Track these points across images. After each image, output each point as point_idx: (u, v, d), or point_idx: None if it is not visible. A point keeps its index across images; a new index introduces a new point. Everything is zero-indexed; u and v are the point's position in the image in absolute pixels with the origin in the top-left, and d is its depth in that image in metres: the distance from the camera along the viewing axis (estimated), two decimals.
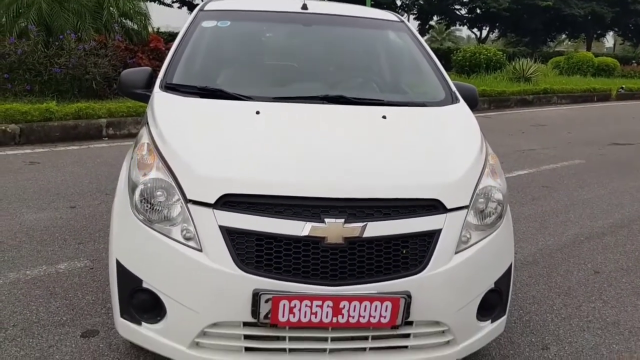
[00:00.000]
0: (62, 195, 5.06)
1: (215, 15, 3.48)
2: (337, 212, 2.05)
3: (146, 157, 2.31)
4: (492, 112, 13.05)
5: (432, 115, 2.89)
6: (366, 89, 3.21)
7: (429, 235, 2.13)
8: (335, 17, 3.67)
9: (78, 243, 3.95)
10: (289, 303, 1.97)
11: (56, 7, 9.81)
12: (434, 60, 3.37)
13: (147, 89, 3.08)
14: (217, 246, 2.02)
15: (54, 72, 9.02)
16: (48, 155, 6.70)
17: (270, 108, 2.66)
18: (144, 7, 11.96)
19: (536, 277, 3.76)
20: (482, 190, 2.31)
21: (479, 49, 19.34)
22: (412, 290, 2.05)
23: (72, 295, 3.18)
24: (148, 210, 2.16)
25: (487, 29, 41.20)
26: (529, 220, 4.99)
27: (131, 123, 8.27)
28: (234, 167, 2.16)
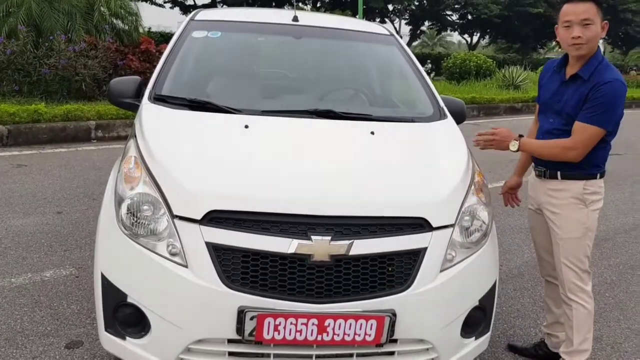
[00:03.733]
0: (49, 199, 5.03)
1: (206, 26, 3.48)
2: (324, 229, 2.06)
3: (133, 170, 2.31)
4: (482, 120, 13.13)
5: (420, 131, 2.91)
6: (355, 104, 3.22)
7: (415, 253, 2.14)
8: (326, 29, 3.68)
9: (64, 250, 3.93)
10: (274, 320, 1.98)
11: (46, 7, 9.76)
12: (422, 75, 3.39)
13: (136, 98, 3.07)
14: (202, 262, 2.02)
15: (43, 73, 8.99)
16: (36, 158, 6.66)
17: (259, 122, 2.66)
18: (135, 8, 11.92)
19: (521, 290, 3.80)
20: (467, 208, 2.33)
21: (469, 56, 19.44)
22: (397, 309, 2.06)
23: (57, 304, 3.17)
24: (134, 224, 2.15)
25: (477, 35, 41.45)
26: (515, 231, 5.03)
27: (120, 125, 8.25)
28: (221, 183, 2.16)
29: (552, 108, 2.64)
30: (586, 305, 2.63)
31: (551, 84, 2.69)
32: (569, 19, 2.49)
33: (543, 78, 2.80)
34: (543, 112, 2.75)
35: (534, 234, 2.95)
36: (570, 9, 2.49)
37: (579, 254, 2.62)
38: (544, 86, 2.76)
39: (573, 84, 2.56)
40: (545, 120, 2.70)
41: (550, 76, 2.73)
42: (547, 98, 2.70)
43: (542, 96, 2.77)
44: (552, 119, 2.64)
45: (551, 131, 2.63)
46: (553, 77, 2.70)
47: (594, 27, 2.45)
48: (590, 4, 2.44)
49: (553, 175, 2.64)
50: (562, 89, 2.61)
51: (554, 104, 2.63)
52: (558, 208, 2.64)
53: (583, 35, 2.45)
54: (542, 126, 2.71)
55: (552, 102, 2.65)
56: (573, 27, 2.47)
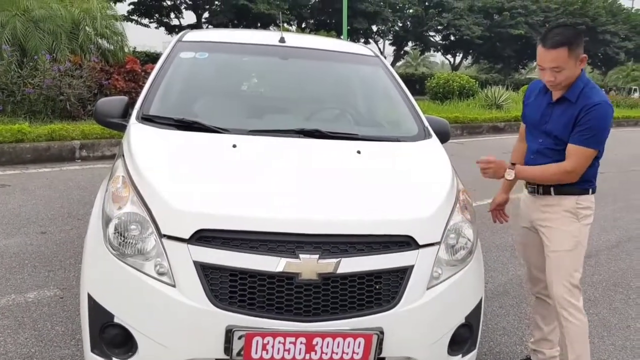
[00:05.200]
0: (33, 220, 4.98)
1: (194, 47, 3.51)
2: (312, 248, 2.07)
3: (121, 190, 2.31)
4: (465, 139, 13.27)
5: (406, 151, 2.95)
6: (341, 123, 3.25)
7: (402, 271, 2.16)
8: (312, 50, 3.73)
9: (48, 271, 3.89)
10: (262, 339, 1.98)
11: (31, 27, 9.74)
12: (407, 95, 3.44)
13: (123, 118, 3.08)
14: (190, 282, 2.02)
15: (27, 93, 8.93)
16: (19, 178, 6.60)
17: (247, 142, 2.68)
18: (121, 28, 11.92)
19: (507, 308, 3.82)
20: (453, 226, 2.36)
21: (453, 77, 19.69)
22: (384, 326, 2.07)
23: (41, 325, 3.13)
24: (121, 244, 2.15)
25: (460, 55, 42.06)
26: (500, 249, 5.07)
27: (105, 145, 8.21)
28: (209, 202, 2.17)
29: (540, 128, 2.69)
30: (576, 321, 2.65)
31: (538, 104, 2.74)
32: (540, 63, 2.55)
33: (529, 97, 2.84)
34: (530, 131, 2.80)
35: (525, 251, 2.98)
36: (541, 54, 2.54)
37: (569, 267, 2.66)
38: (530, 106, 2.80)
39: (560, 106, 2.61)
40: (533, 140, 2.75)
41: (536, 97, 2.77)
42: (534, 118, 2.74)
43: (528, 116, 2.81)
44: (542, 139, 2.69)
45: (541, 151, 2.69)
46: (540, 97, 2.75)
47: (566, 72, 2.49)
48: (560, 51, 2.46)
49: (547, 192, 2.70)
50: (550, 110, 2.66)
51: (542, 124, 2.68)
52: (551, 222, 2.70)
53: (555, 79, 2.52)
54: (531, 146, 2.77)
55: (540, 122, 2.70)
56: (546, 70, 2.53)
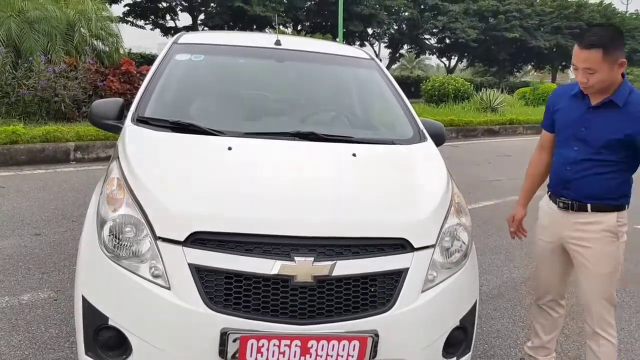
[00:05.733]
0: (27, 222, 4.97)
1: (189, 49, 3.51)
2: (307, 250, 2.08)
3: (116, 192, 2.31)
4: (460, 142, 13.30)
5: (401, 153, 2.96)
6: (337, 126, 3.26)
7: (397, 273, 2.17)
8: (308, 53, 3.74)
9: (42, 273, 3.87)
10: (257, 342, 1.98)
11: (26, 28, 9.73)
12: (402, 98, 3.45)
13: (118, 120, 3.07)
14: (185, 284, 2.02)
15: (21, 94, 8.92)
16: (13, 180, 6.58)
17: (242, 144, 2.68)
18: (116, 29, 11.93)
19: (501, 311, 3.83)
20: (448, 229, 2.37)
21: (448, 80, 19.74)
22: (379, 329, 2.08)
23: (34, 328, 3.12)
24: (116, 246, 2.15)
25: (455, 58, 42.17)
26: (495, 252, 5.09)
27: (100, 147, 8.19)
28: (204, 204, 2.17)
29: (576, 136, 2.50)
30: (613, 340, 2.59)
31: (573, 109, 2.54)
32: (573, 62, 2.39)
33: (557, 103, 2.64)
34: (562, 140, 2.60)
35: (543, 265, 2.82)
36: (575, 53, 2.37)
37: (610, 289, 2.55)
38: (561, 111, 2.60)
39: (603, 111, 2.43)
40: (567, 149, 2.56)
41: (568, 101, 2.57)
42: (567, 124, 2.55)
43: (559, 122, 2.61)
44: (577, 147, 2.50)
45: (578, 162, 2.50)
46: (573, 102, 2.55)
47: (599, 75, 2.31)
48: (593, 52, 2.29)
49: (582, 208, 2.53)
50: (589, 116, 2.47)
51: (578, 131, 2.49)
52: (589, 242, 2.53)
53: (587, 81, 2.36)
54: (565, 155, 2.56)
55: (576, 129, 2.50)
56: (579, 70, 2.37)
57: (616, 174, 2.46)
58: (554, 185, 2.66)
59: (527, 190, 2.91)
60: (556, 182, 2.64)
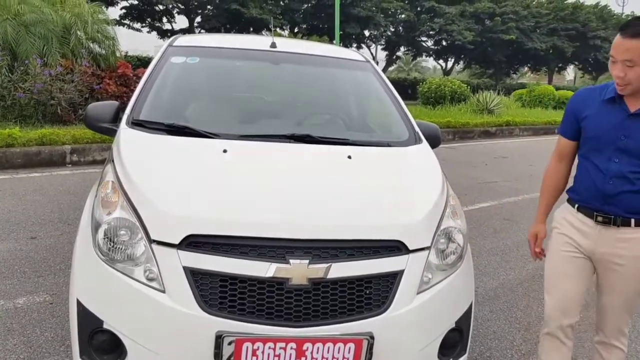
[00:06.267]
0: (23, 225, 4.95)
1: (185, 52, 3.51)
2: (302, 253, 2.08)
3: (110, 195, 2.30)
4: (457, 143, 13.31)
5: (396, 155, 2.96)
6: (332, 128, 3.26)
7: (392, 276, 2.17)
8: (304, 55, 3.74)
9: (38, 276, 3.86)
10: (252, 345, 1.98)
11: (22, 31, 9.70)
12: (398, 100, 3.46)
13: (114, 123, 3.07)
14: (180, 287, 2.02)
15: (17, 97, 8.90)
16: (9, 183, 6.56)
17: (238, 146, 2.68)
18: (112, 32, 11.90)
19: (497, 312, 3.84)
20: (443, 231, 2.37)
21: (444, 82, 19.77)
22: (374, 331, 2.08)
23: (30, 331, 3.11)
24: (111, 249, 2.14)
25: (452, 60, 42.25)
26: (491, 254, 5.09)
27: (96, 150, 8.17)
28: (199, 207, 2.17)
29: (615, 145, 2.27)
30: (624, 348, 2.50)
31: (606, 116, 2.31)
32: (612, 54, 2.18)
33: (584, 109, 2.40)
34: (596, 150, 2.35)
35: (564, 280, 2.50)
36: (617, 43, 2.15)
37: (636, 304, 2.43)
38: (591, 118, 2.36)
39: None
40: (605, 161, 2.31)
41: (600, 107, 2.34)
42: (603, 133, 2.31)
43: (591, 130, 2.36)
44: (617, 158, 2.28)
45: (623, 175, 2.27)
46: (607, 108, 2.31)
47: (639, 69, 2.11)
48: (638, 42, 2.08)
49: (626, 223, 2.31)
50: (629, 124, 2.24)
51: (617, 140, 2.26)
52: (627, 259, 2.34)
53: (625, 75, 2.14)
54: (606, 168, 2.31)
55: (613, 138, 2.27)
56: (617, 63, 2.16)
57: None
58: (588, 198, 2.39)
59: (546, 205, 2.64)
60: (592, 195, 2.37)
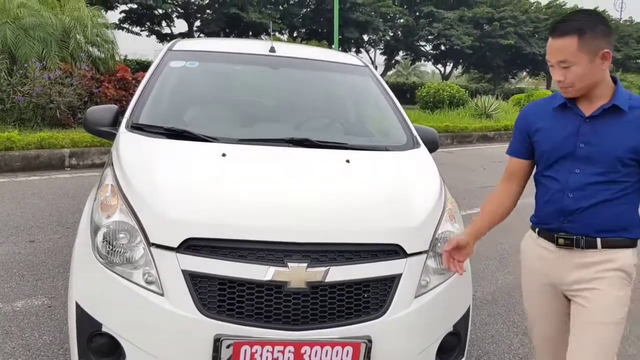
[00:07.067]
0: (21, 228, 4.95)
1: (184, 56, 3.52)
2: (300, 256, 2.09)
3: (110, 198, 2.31)
4: (455, 148, 13.33)
5: (394, 160, 2.97)
6: (331, 133, 3.27)
7: (390, 279, 2.18)
8: (303, 60, 3.76)
9: (36, 279, 3.86)
10: (251, 348, 1.99)
11: (21, 34, 9.71)
12: (396, 104, 3.47)
13: (113, 127, 3.08)
14: (179, 290, 2.03)
15: (16, 101, 8.90)
16: (8, 186, 6.56)
17: (236, 150, 2.69)
18: (111, 36, 11.92)
19: (495, 316, 3.84)
20: (441, 235, 2.39)
21: (443, 86, 19.79)
22: (372, 335, 2.09)
23: (28, 335, 3.11)
24: (110, 252, 2.15)
25: (451, 65, 42.31)
26: (489, 258, 5.10)
27: (95, 153, 8.18)
28: (198, 211, 2.18)
29: (574, 154, 2.01)
30: None
31: (561, 124, 2.06)
32: (548, 58, 2.01)
33: (536, 122, 2.14)
34: (554, 164, 2.07)
35: (541, 322, 2.25)
36: (548, 46, 1.99)
37: (614, 344, 1.99)
38: (543, 131, 2.10)
39: (604, 120, 1.97)
40: (565, 173, 2.03)
41: (553, 117, 2.09)
42: (558, 144, 2.04)
43: (545, 144, 2.09)
44: (578, 168, 2.00)
45: (584, 186, 1.99)
46: (560, 116, 2.07)
47: (577, 69, 1.92)
48: (568, 39, 1.90)
49: (591, 244, 2.01)
50: (587, 129, 1.99)
51: (575, 148, 2.00)
52: (595, 283, 2.00)
53: (565, 78, 1.96)
54: (565, 181, 2.03)
55: (571, 147, 2.01)
56: (554, 67, 1.98)
57: (628, 199, 1.99)
58: (549, 219, 2.11)
59: (480, 226, 2.26)
60: (552, 215, 2.09)
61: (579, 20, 1.93)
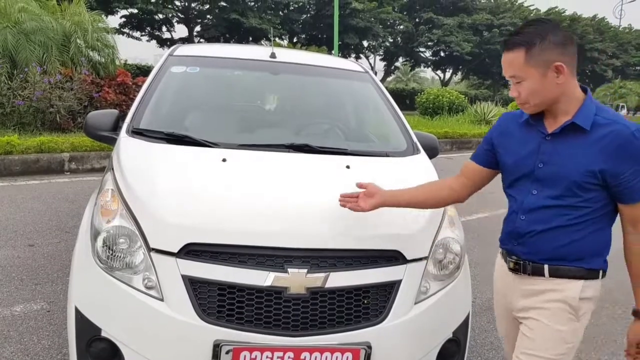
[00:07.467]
0: (21, 232, 4.95)
1: (185, 61, 3.53)
2: (300, 262, 2.09)
3: (110, 203, 2.32)
4: (454, 154, 13.35)
5: (394, 166, 2.97)
6: (331, 138, 3.27)
7: (390, 285, 2.18)
8: (303, 66, 3.76)
9: (35, 284, 3.86)
10: (250, 354, 1.98)
11: (22, 39, 9.74)
12: (396, 111, 3.48)
13: (113, 132, 3.09)
14: (179, 296, 2.03)
15: (16, 105, 8.92)
16: (7, 190, 6.56)
17: (237, 156, 2.69)
18: (112, 40, 11.96)
19: (495, 323, 3.81)
20: (440, 241, 2.39)
21: (442, 92, 19.87)
22: (372, 341, 2.08)
23: (27, 339, 3.10)
24: (110, 257, 2.15)
25: (450, 71, 42.45)
26: (489, 264, 5.06)
27: (94, 158, 8.18)
28: (198, 216, 2.18)
29: (532, 175, 1.87)
30: None
31: (524, 141, 1.92)
32: (503, 74, 1.90)
33: (503, 135, 2.00)
34: (515, 181, 1.95)
35: (506, 343, 2.22)
36: (502, 61, 1.89)
37: None
38: (507, 144, 1.97)
39: (564, 139, 1.81)
40: (524, 193, 1.90)
41: (518, 131, 1.96)
42: (519, 161, 1.91)
43: (507, 157, 1.96)
44: (535, 189, 1.86)
45: (537, 209, 1.86)
46: (524, 132, 1.93)
47: (528, 84, 1.79)
48: (516, 54, 1.78)
49: (538, 271, 1.88)
50: (546, 147, 1.84)
51: (534, 169, 1.86)
52: (537, 313, 1.88)
53: (519, 95, 1.83)
54: (522, 201, 1.90)
55: (531, 166, 1.87)
56: (511, 84, 1.88)
57: (587, 226, 1.81)
58: (505, 240, 2.01)
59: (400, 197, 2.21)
60: (507, 235, 1.99)
61: (527, 33, 1.78)
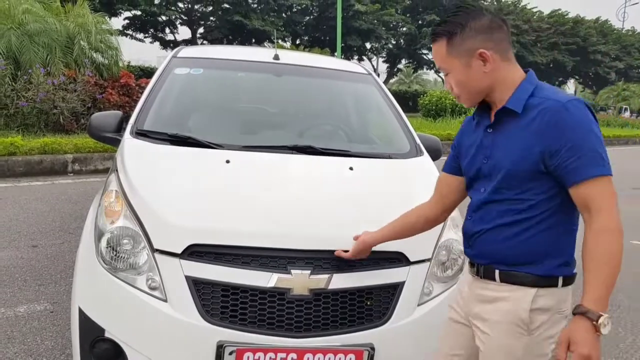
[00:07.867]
0: (24, 233, 4.96)
1: (188, 63, 3.54)
2: (304, 263, 2.09)
3: (114, 204, 2.32)
4: None
5: (397, 167, 2.97)
6: (334, 140, 3.28)
7: (393, 287, 2.18)
8: (306, 68, 3.77)
9: (39, 285, 3.86)
10: (253, 355, 1.98)
11: (26, 40, 9.78)
12: (399, 112, 3.48)
13: (117, 133, 3.10)
14: (182, 296, 2.03)
15: (20, 106, 8.95)
16: (10, 191, 6.58)
17: (240, 157, 2.69)
18: (115, 42, 12.00)
19: None
20: (443, 243, 2.38)
21: (445, 94, 19.85)
22: (375, 343, 2.08)
23: (30, 340, 3.11)
24: (113, 258, 2.16)
25: None
26: None
27: (98, 159, 8.20)
28: (201, 217, 2.18)
29: (480, 172, 1.69)
30: None
31: (472, 140, 1.74)
32: None
33: (463, 136, 1.83)
34: (470, 182, 1.77)
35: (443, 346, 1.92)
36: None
37: None
38: (464, 145, 1.79)
39: (501, 129, 1.63)
40: (476, 193, 1.73)
41: (472, 131, 1.77)
42: (471, 159, 1.73)
43: (464, 159, 1.78)
44: (484, 187, 1.68)
45: (479, 206, 1.68)
46: (475, 130, 1.76)
47: (453, 75, 1.65)
48: (439, 44, 1.65)
49: (488, 274, 1.67)
50: (488, 141, 1.67)
51: (481, 165, 1.68)
52: (485, 323, 1.67)
53: (452, 86, 1.69)
54: (472, 201, 1.75)
55: (479, 163, 1.69)
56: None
57: (536, 223, 1.58)
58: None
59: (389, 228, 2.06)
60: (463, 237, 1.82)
61: (449, 22, 1.63)
